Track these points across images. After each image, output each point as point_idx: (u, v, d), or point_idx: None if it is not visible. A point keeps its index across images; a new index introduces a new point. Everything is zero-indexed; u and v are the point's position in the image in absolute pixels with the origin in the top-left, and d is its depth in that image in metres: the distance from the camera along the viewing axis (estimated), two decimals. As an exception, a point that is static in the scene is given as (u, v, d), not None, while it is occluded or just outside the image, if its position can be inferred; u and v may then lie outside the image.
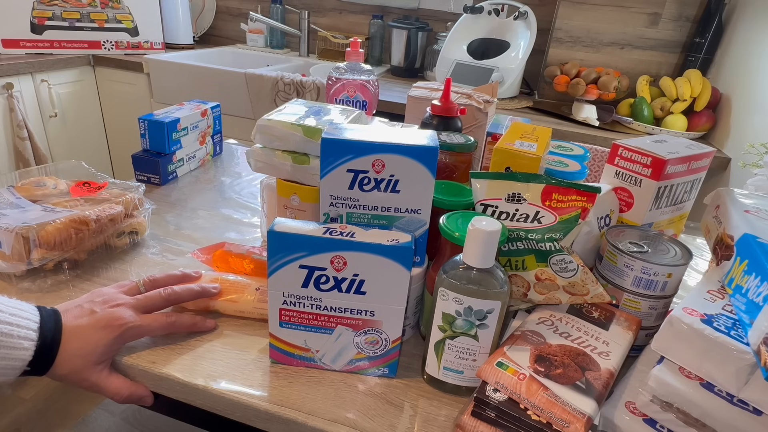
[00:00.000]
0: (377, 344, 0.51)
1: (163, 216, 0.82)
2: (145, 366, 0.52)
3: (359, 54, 0.92)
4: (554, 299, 0.55)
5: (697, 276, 0.79)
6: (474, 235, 0.45)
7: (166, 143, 0.90)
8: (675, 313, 0.42)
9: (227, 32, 2.42)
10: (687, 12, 1.72)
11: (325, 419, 0.48)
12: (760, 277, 0.42)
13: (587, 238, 0.61)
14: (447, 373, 0.51)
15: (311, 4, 2.24)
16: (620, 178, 0.66)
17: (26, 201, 0.66)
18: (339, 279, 0.48)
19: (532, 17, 1.78)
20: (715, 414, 0.40)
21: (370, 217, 0.53)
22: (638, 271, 0.54)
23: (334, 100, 0.93)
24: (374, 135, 0.51)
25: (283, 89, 1.68)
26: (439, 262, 0.54)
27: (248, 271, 0.63)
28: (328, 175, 0.51)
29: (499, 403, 0.44)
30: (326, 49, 2.19)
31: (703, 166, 0.67)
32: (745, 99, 1.49)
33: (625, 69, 1.81)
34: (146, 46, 2.02)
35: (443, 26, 2.07)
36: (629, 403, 0.46)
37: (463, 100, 0.89)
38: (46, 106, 1.82)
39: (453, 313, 0.47)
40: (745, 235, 0.49)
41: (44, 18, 1.82)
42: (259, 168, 0.65)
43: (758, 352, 0.37)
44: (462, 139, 0.70)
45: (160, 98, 1.90)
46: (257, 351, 0.55)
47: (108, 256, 0.70)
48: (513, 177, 0.55)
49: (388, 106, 1.60)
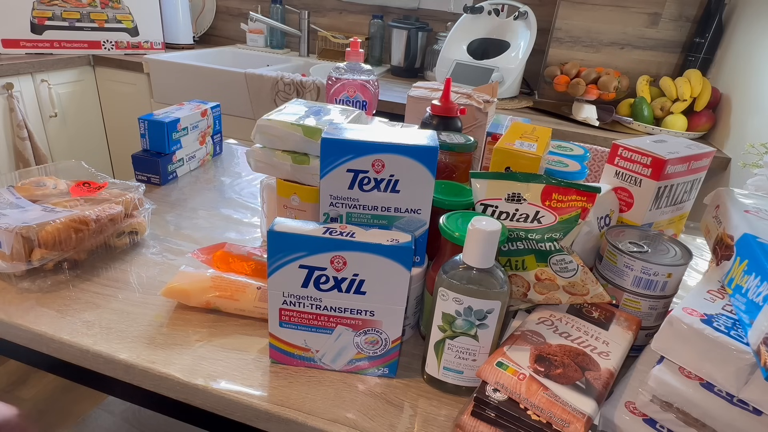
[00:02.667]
0: (377, 344, 0.51)
1: (163, 216, 0.82)
2: (145, 366, 0.52)
3: (359, 54, 0.92)
4: (554, 299, 0.55)
5: (697, 276, 0.79)
6: (474, 235, 0.45)
7: (166, 143, 0.90)
8: (675, 313, 0.42)
9: (227, 32, 2.42)
10: (687, 12, 1.72)
11: (325, 419, 0.48)
12: (760, 277, 0.42)
13: (587, 238, 0.61)
14: (447, 373, 0.51)
15: (311, 4, 2.24)
16: (620, 178, 0.66)
17: (26, 201, 0.66)
18: (339, 279, 0.48)
19: (532, 17, 1.78)
20: (714, 414, 0.40)
21: (370, 217, 0.53)
22: (638, 271, 0.54)
23: (334, 100, 0.93)
24: (374, 135, 0.51)
25: (283, 89, 1.68)
26: (439, 262, 0.54)
27: (249, 272, 0.63)
28: (328, 175, 0.51)
29: (499, 403, 0.44)
30: (326, 49, 2.19)
31: (703, 166, 0.67)
32: (745, 99, 1.49)
33: (625, 69, 1.81)
34: (146, 46, 2.02)
35: (443, 26, 2.07)
36: (629, 403, 0.46)
37: (463, 100, 0.89)
38: (46, 106, 1.82)
39: (453, 313, 0.47)
40: (745, 235, 0.49)
41: (44, 18, 1.82)
42: (259, 168, 0.65)
43: (758, 352, 0.37)
44: (462, 139, 0.70)
45: (160, 98, 1.90)
46: (257, 351, 0.55)
47: (108, 256, 0.70)
48: (513, 177, 0.55)
49: (388, 106, 1.60)
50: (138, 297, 0.62)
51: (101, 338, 0.55)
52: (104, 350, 0.53)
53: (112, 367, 0.53)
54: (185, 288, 0.59)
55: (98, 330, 0.56)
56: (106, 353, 0.53)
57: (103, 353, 0.53)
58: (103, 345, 0.54)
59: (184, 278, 0.60)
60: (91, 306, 0.60)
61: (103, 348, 0.53)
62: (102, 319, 0.58)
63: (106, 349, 0.53)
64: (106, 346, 0.54)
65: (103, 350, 0.53)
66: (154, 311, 0.60)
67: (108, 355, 0.53)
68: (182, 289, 0.59)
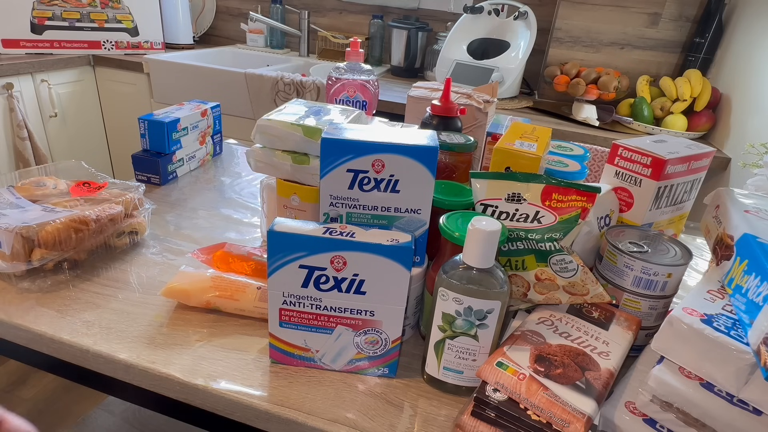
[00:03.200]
0: (377, 344, 0.51)
1: (163, 216, 0.82)
2: (145, 366, 0.52)
3: (359, 54, 0.92)
4: (554, 299, 0.55)
5: (697, 276, 0.79)
6: (474, 235, 0.45)
7: (166, 143, 0.90)
8: (675, 313, 0.42)
9: (227, 32, 2.42)
10: (687, 12, 1.72)
11: (325, 419, 0.48)
12: (760, 277, 0.42)
13: (587, 238, 0.61)
14: (447, 373, 0.51)
15: (311, 4, 2.24)
16: (620, 178, 0.66)
17: (26, 201, 0.66)
18: (339, 279, 0.48)
19: (532, 17, 1.78)
20: (714, 414, 0.40)
21: (370, 217, 0.53)
22: (638, 271, 0.54)
23: (334, 100, 0.93)
24: (374, 135, 0.51)
25: (283, 89, 1.68)
26: (439, 262, 0.54)
27: (249, 272, 0.63)
28: (328, 175, 0.51)
29: (499, 403, 0.44)
30: (326, 49, 2.19)
31: (703, 166, 0.67)
32: (745, 99, 1.49)
33: (625, 69, 1.81)
34: (146, 46, 2.02)
35: (443, 26, 2.07)
36: (629, 403, 0.46)
37: (463, 100, 0.89)
38: (46, 106, 1.82)
39: (453, 313, 0.47)
40: (745, 235, 0.49)
41: (44, 18, 1.82)
42: (259, 168, 0.65)
43: (758, 352, 0.37)
44: (462, 139, 0.70)
45: (160, 98, 1.90)
46: (257, 351, 0.55)
47: (108, 256, 0.70)
48: (513, 177, 0.55)
49: (388, 106, 1.60)
50: (138, 297, 0.62)
51: (101, 338, 0.55)
52: (104, 350, 0.53)
53: (112, 367, 0.53)
54: (185, 288, 0.59)
55: (98, 330, 0.56)
56: (106, 353, 0.53)
57: (103, 353, 0.53)
58: (103, 345, 0.54)
59: (184, 278, 0.60)
60: (91, 306, 0.60)
61: (103, 348, 0.53)
62: (102, 319, 0.58)
63: (106, 349, 0.53)
64: (106, 346, 0.54)
65: (103, 350, 0.53)
66: (154, 311, 0.60)
67: (108, 355, 0.53)
68: (182, 289, 0.59)
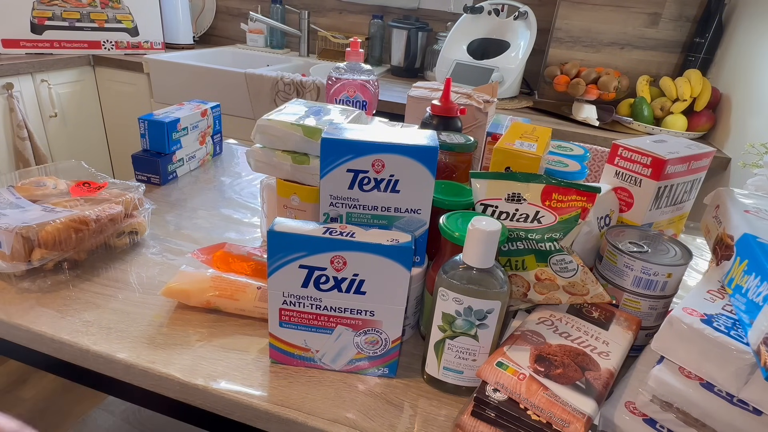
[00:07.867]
0: (377, 344, 0.51)
1: (163, 216, 0.82)
2: (145, 366, 0.52)
3: (359, 54, 0.92)
4: (554, 299, 0.55)
5: (697, 276, 0.79)
6: (474, 235, 0.45)
7: (166, 143, 0.90)
8: (675, 313, 0.42)
9: (227, 32, 2.42)
10: (687, 12, 1.72)
11: (325, 419, 0.48)
12: (760, 277, 0.42)
13: (587, 238, 0.61)
14: (447, 373, 0.51)
15: (311, 4, 2.24)
16: (620, 178, 0.66)
17: (26, 201, 0.66)
18: (339, 279, 0.48)
19: (532, 17, 1.78)
20: (714, 414, 0.40)
21: (370, 217, 0.53)
22: (638, 271, 0.54)
23: (334, 100, 0.93)
24: (374, 135, 0.51)
25: (283, 89, 1.68)
26: (439, 262, 0.54)
27: (249, 272, 0.63)
28: (328, 175, 0.51)
29: (499, 403, 0.44)
30: (326, 49, 2.19)
31: (703, 166, 0.67)
32: (745, 99, 1.49)
33: (625, 69, 1.80)
34: (146, 46, 2.02)
35: (443, 26, 2.07)
36: (629, 403, 0.46)
37: (463, 100, 0.89)
38: (46, 106, 1.82)
39: (453, 313, 0.47)
40: (745, 235, 0.49)
41: (44, 18, 1.82)
42: (259, 168, 0.65)
43: (758, 352, 0.37)
44: (462, 139, 0.70)
45: (160, 98, 1.90)
46: (257, 351, 0.55)
47: (108, 256, 0.70)
48: (513, 177, 0.55)
49: (388, 106, 1.60)
50: (138, 297, 0.62)
51: (101, 338, 0.55)
52: (104, 350, 0.53)
53: (112, 367, 0.53)
54: (185, 288, 0.59)
55: (98, 330, 0.56)
56: (105, 353, 0.53)
57: (103, 353, 0.53)
58: (103, 345, 0.54)
59: (184, 278, 0.60)
60: (91, 306, 0.60)
61: (103, 348, 0.53)
62: (102, 319, 0.58)
63: (106, 349, 0.53)
64: (105, 346, 0.54)
65: (103, 350, 0.53)
66: (154, 311, 0.60)
67: (108, 355, 0.53)
68: (182, 289, 0.59)
